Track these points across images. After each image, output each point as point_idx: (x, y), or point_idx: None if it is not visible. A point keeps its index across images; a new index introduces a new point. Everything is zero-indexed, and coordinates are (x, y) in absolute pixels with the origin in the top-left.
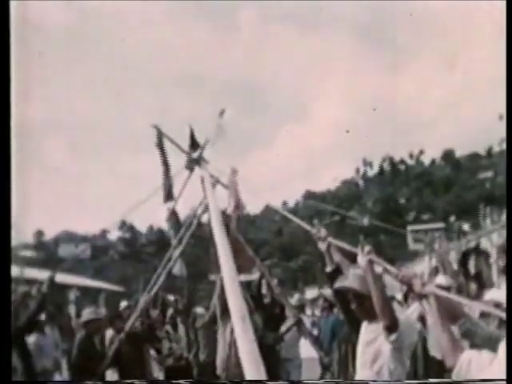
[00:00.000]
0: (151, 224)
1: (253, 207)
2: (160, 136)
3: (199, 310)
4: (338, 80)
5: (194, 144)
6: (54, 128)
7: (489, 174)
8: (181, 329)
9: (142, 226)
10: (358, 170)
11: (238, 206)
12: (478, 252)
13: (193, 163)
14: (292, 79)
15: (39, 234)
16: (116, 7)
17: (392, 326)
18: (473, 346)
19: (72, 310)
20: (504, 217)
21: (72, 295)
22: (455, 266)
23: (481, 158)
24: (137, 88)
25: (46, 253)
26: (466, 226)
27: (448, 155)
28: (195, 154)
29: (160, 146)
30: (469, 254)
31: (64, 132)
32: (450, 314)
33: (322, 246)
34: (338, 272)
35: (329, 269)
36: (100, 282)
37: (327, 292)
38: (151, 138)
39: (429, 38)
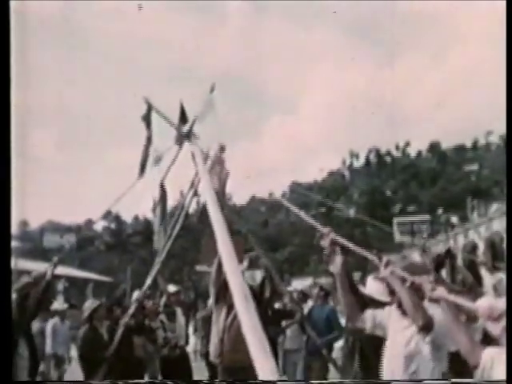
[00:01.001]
0: (136, 214)
1: (239, 198)
2: (149, 109)
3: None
4: (325, 72)
5: (184, 118)
6: (40, 117)
7: (474, 166)
8: (180, 319)
9: (127, 216)
10: (344, 162)
11: (222, 178)
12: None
13: (182, 138)
14: (280, 71)
15: (23, 224)
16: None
17: (427, 327)
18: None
19: (60, 300)
20: (491, 210)
21: (60, 286)
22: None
23: (466, 150)
24: (125, 79)
25: (31, 243)
26: (454, 219)
27: (434, 147)
28: (185, 129)
29: (147, 119)
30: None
31: (51, 121)
32: (466, 314)
33: (325, 242)
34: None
35: (334, 270)
36: (86, 272)
37: (322, 281)
38: (138, 130)
39: (416, 32)
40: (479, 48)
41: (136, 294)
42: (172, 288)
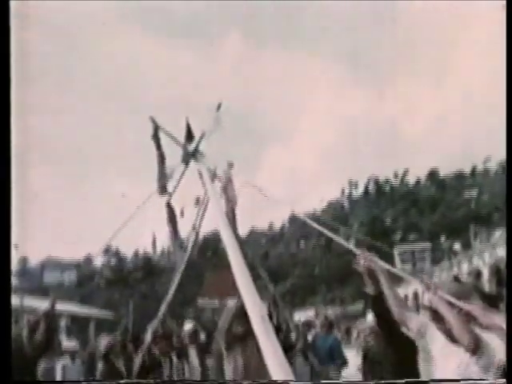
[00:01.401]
0: (136, 249)
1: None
2: (156, 128)
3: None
4: (323, 103)
5: (190, 137)
6: (38, 152)
7: (473, 193)
8: (194, 359)
9: (127, 252)
10: (343, 191)
11: (231, 199)
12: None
13: (188, 156)
14: (278, 102)
15: (23, 260)
16: (103, 31)
17: (475, 347)
18: None
19: (63, 337)
20: (494, 236)
21: (63, 323)
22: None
23: (465, 177)
24: (123, 112)
25: (32, 280)
26: (456, 246)
27: (433, 175)
28: (191, 147)
29: (156, 138)
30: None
31: (50, 157)
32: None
33: (363, 265)
34: (381, 295)
35: (371, 291)
36: (88, 308)
37: (328, 312)
38: (137, 162)
39: (413, 60)
40: (477, 75)
41: (149, 331)
42: (188, 325)
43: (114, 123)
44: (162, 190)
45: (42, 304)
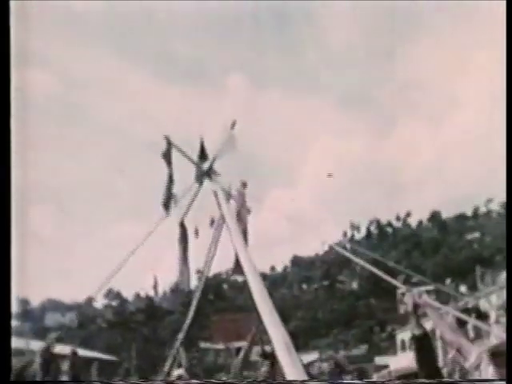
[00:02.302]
0: (138, 291)
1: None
2: (169, 147)
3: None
4: (324, 144)
5: (204, 156)
6: (38, 193)
7: (476, 234)
8: None
9: (128, 294)
10: (345, 234)
11: (244, 220)
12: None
13: (203, 175)
14: (278, 144)
15: (24, 302)
16: (103, 75)
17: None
18: None
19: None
20: (500, 278)
21: (65, 365)
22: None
23: (467, 218)
24: (124, 153)
25: (32, 322)
26: (462, 288)
27: (435, 217)
28: (205, 166)
29: (167, 157)
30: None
31: (50, 198)
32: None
33: (408, 305)
34: (425, 335)
35: (416, 331)
36: (89, 351)
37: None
38: (137, 204)
39: (413, 100)
40: (478, 115)
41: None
42: (176, 372)
43: (116, 162)
44: (166, 207)
45: (42, 346)
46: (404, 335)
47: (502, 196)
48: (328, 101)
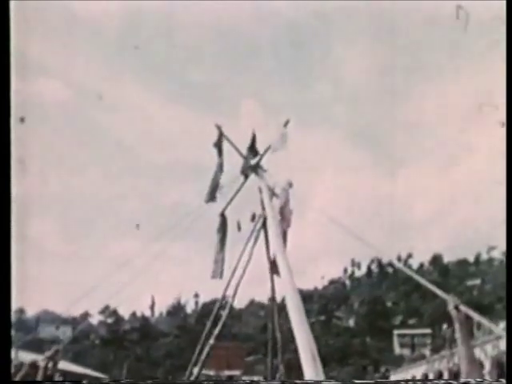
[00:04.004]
0: (134, 310)
1: (238, 301)
2: (220, 136)
3: None
4: (328, 181)
5: (254, 150)
6: (41, 206)
7: (477, 281)
8: None
9: (124, 312)
10: (345, 270)
11: (287, 219)
12: None
13: (249, 169)
14: (283, 176)
15: (20, 311)
16: (111, 93)
17: None
18: None
19: None
20: (498, 328)
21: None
22: None
23: (469, 264)
24: (131, 173)
25: (26, 332)
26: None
27: (436, 260)
28: (253, 161)
29: (218, 145)
30: None
31: (52, 211)
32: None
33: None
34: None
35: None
36: (81, 367)
37: None
38: (139, 221)
39: (419, 142)
40: (482, 161)
41: None
42: None
43: (119, 181)
44: (211, 197)
45: (35, 357)
46: (397, 377)
47: (504, 244)
48: (337, 135)
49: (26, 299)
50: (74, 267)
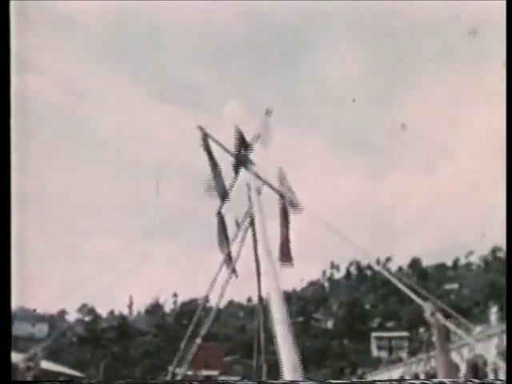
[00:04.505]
0: (112, 309)
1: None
2: (205, 138)
3: None
4: (310, 182)
5: (245, 144)
6: (19, 203)
7: (455, 285)
8: None
9: (102, 311)
10: (324, 273)
11: (294, 203)
12: None
13: (240, 164)
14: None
15: None
16: (98, 93)
17: None
18: None
19: None
20: (474, 332)
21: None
22: None
23: (447, 268)
24: (113, 172)
25: None
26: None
27: (415, 264)
28: (241, 155)
29: (206, 147)
30: None
31: (34, 207)
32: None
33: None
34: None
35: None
36: (57, 365)
37: None
38: (121, 221)
39: (403, 147)
40: (467, 166)
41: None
42: None
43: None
44: (223, 198)
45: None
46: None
47: (482, 249)
48: (321, 137)
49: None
50: (53, 265)
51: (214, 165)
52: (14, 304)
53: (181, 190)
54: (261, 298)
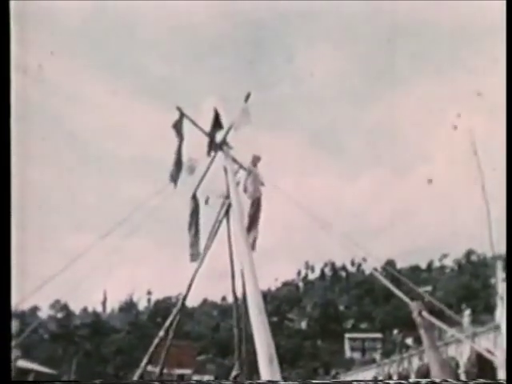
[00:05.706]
0: (86, 306)
1: (191, 300)
2: (181, 118)
3: None
4: (286, 182)
5: (218, 126)
6: None
7: (428, 288)
8: None
9: (75, 308)
10: (299, 273)
11: (256, 190)
12: None
13: (216, 147)
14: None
15: None
16: (75, 89)
17: None
18: None
19: None
20: (446, 335)
21: None
22: None
23: (421, 271)
24: (87, 166)
25: None
26: (409, 340)
27: (389, 266)
28: (218, 138)
29: (178, 127)
30: None
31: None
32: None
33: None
34: None
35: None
36: (28, 361)
37: None
38: (94, 217)
39: (377, 148)
40: (442, 168)
41: None
42: None
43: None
44: (174, 180)
45: None
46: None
47: (456, 252)
48: (296, 137)
49: None
50: (25, 259)
51: (178, 146)
52: None
53: (156, 186)
54: (236, 298)
